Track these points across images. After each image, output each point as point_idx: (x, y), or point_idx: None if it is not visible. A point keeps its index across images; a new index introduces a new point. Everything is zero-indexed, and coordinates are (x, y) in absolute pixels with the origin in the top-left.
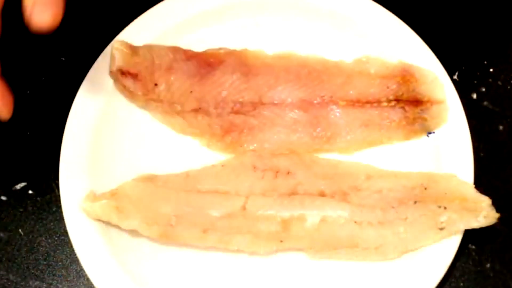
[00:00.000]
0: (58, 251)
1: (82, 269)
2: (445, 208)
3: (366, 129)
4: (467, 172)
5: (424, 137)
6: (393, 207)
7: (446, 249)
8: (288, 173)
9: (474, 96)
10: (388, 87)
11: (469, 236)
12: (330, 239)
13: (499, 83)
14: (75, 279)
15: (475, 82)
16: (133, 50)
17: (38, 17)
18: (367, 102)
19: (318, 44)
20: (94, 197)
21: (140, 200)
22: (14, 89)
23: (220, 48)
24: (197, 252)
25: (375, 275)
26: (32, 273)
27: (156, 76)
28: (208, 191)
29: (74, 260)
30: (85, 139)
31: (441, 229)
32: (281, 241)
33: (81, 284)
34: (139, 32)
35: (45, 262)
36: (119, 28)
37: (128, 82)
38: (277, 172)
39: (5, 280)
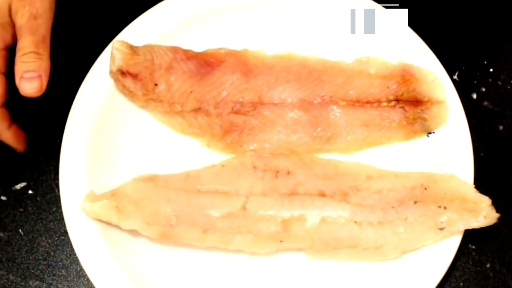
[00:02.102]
0: (58, 251)
1: (82, 269)
2: (445, 208)
3: (366, 129)
4: (467, 172)
5: (424, 137)
6: (393, 207)
7: (446, 249)
8: (288, 173)
9: (474, 96)
10: (388, 87)
11: (469, 236)
12: (330, 239)
13: (499, 83)
14: (75, 279)
15: (475, 82)
16: (133, 50)
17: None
18: (367, 102)
19: (318, 44)
20: (94, 197)
21: (140, 200)
22: (15, 89)
23: (220, 48)
24: (197, 252)
25: (375, 275)
26: (32, 273)
27: (156, 76)
28: (208, 191)
29: (74, 260)
30: (85, 139)
31: (441, 229)
32: (281, 241)
33: (81, 284)
34: (139, 32)
35: (45, 262)
36: (119, 28)
37: (128, 82)
38: (277, 172)
39: (5, 280)
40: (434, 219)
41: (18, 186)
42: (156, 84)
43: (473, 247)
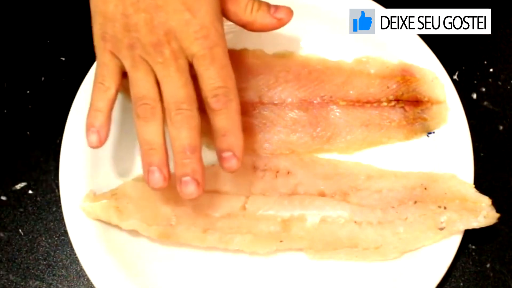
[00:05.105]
0: (58, 251)
1: (82, 269)
2: (445, 208)
3: (366, 129)
4: (467, 172)
5: (424, 137)
6: (393, 207)
7: (446, 249)
8: (288, 173)
9: (474, 96)
10: (388, 87)
11: (469, 236)
12: (330, 239)
13: (499, 83)
14: (75, 279)
15: (475, 82)
16: None
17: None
18: (367, 102)
19: (318, 44)
20: (94, 197)
21: (140, 200)
22: (14, 89)
23: None
24: (197, 252)
25: (375, 275)
26: (32, 273)
27: None
28: (208, 191)
29: (74, 260)
30: (85, 139)
31: (441, 229)
32: (281, 241)
33: (81, 284)
34: None
35: (45, 262)
36: None
37: (128, 82)
38: (277, 172)
39: (5, 280)
40: (434, 219)
41: (18, 186)
42: None
43: (473, 247)
